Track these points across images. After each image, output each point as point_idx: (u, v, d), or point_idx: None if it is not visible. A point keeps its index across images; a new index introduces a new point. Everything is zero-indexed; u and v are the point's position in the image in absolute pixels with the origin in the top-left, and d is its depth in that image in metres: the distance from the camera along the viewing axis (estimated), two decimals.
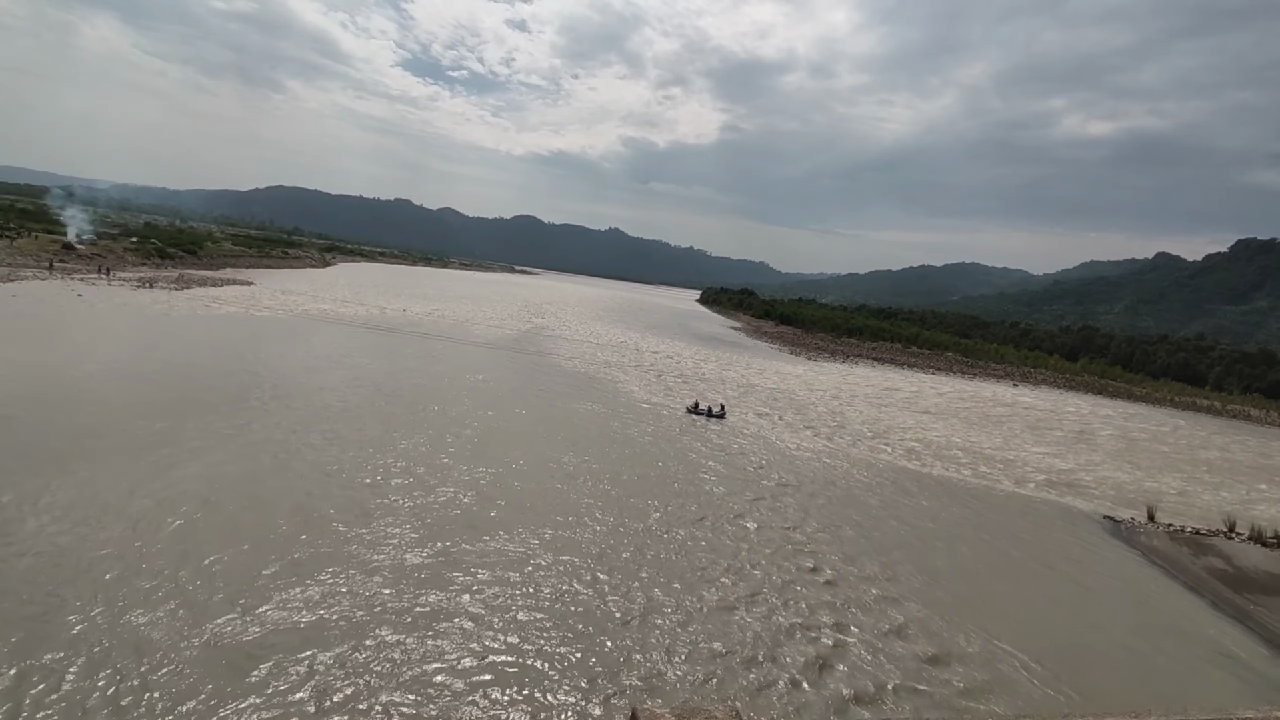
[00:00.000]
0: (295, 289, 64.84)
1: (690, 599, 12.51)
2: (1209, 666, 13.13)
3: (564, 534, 14.83)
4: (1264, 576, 17.77)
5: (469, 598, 11.44)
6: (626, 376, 38.24)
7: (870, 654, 11.52)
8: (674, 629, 11.39)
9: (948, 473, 25.76)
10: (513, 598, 11.68)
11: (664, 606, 12.09)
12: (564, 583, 12.55)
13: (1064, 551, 18.53)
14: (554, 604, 11.67)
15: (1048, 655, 12.51)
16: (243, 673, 8.79)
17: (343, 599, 10.90)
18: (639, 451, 22.60)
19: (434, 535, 13.77)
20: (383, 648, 9.77)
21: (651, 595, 12.45)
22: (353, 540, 12.96)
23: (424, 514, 14.70)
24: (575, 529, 15.17)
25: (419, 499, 15.50)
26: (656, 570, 13.57)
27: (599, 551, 14.09)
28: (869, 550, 16.39)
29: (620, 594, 12.36)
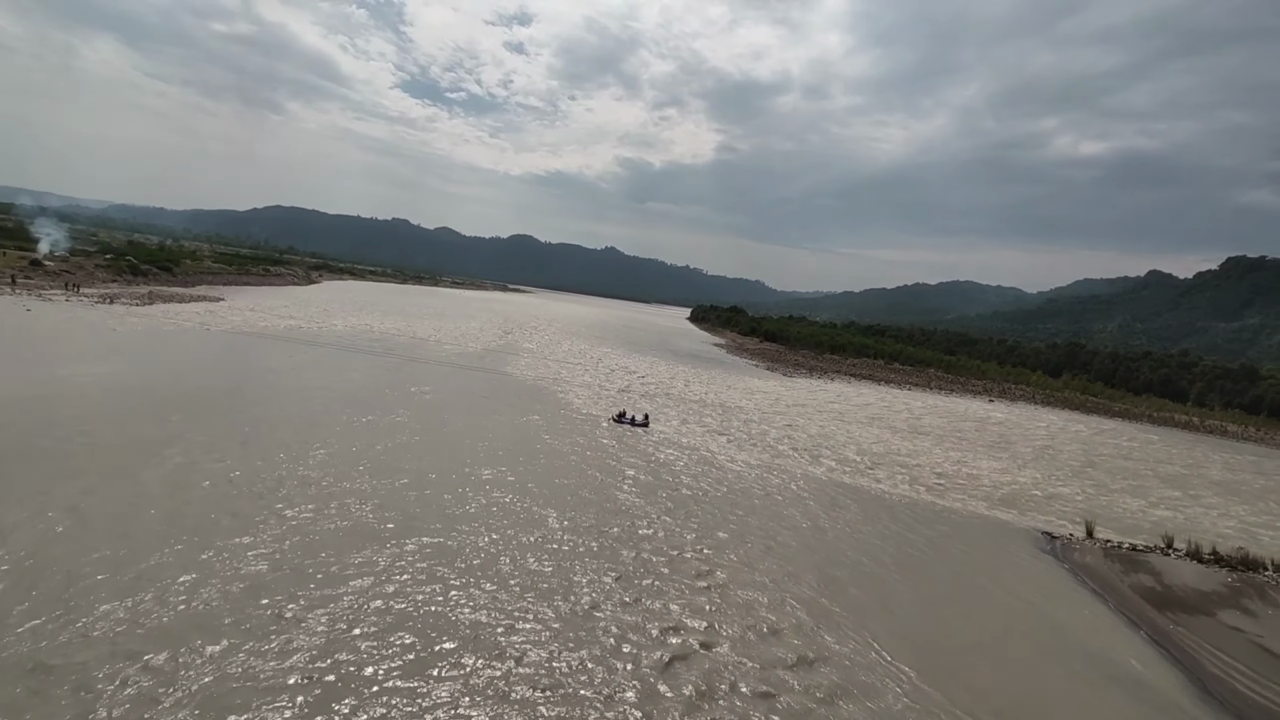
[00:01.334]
0: (265, 306, 64.31)
1: (543, 607, 11.80)
2: (1110, 690, 12.40)
3: (445, 542, 14.24)
4: (1191, 595, 17.07)
5: (301, 606, 10.72)
6: (575, 391, 37.60)
7: (733, 660, 10.80)
8: (522, 643, 10.69)
9: (889, 487, 25.06)
10: (351, 612, 10.97)
11: (520, 616, 11.38)
12: (418, 591, 11.86)
13: (988, 566, 17.83)
14: (399, 613, 10.98)
15: (935, 668, 11.83)
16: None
17: (178, 606, 10.37)
18: (558, 462, 21.94)
19: (305, 547, 13.12)
20: (207, 658, 9.16)
21: (511, 605, 11.74)
22: (214, 550, 12.27)
23: (301, 527, 14.02)
24: (459, 538, 14.52)
25: (301, 512, 14.81)
26: (528, 578, 12.88)
27: (477, 563, 13.40)
28: (767, 558, 15.67)
29: (483, 604, 11.65)
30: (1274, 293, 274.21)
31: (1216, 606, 16.36)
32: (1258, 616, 15.87)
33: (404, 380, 33.34)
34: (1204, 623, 15.45)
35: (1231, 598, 16.96)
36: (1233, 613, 16.00)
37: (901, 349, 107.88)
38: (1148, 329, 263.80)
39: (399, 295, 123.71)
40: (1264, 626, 15.30)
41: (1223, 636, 14.78)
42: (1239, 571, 18.79)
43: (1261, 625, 15.37)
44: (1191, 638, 14.71)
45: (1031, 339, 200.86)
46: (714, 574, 14.81)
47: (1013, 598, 16.08)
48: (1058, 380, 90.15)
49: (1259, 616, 15.87)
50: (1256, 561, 19.32)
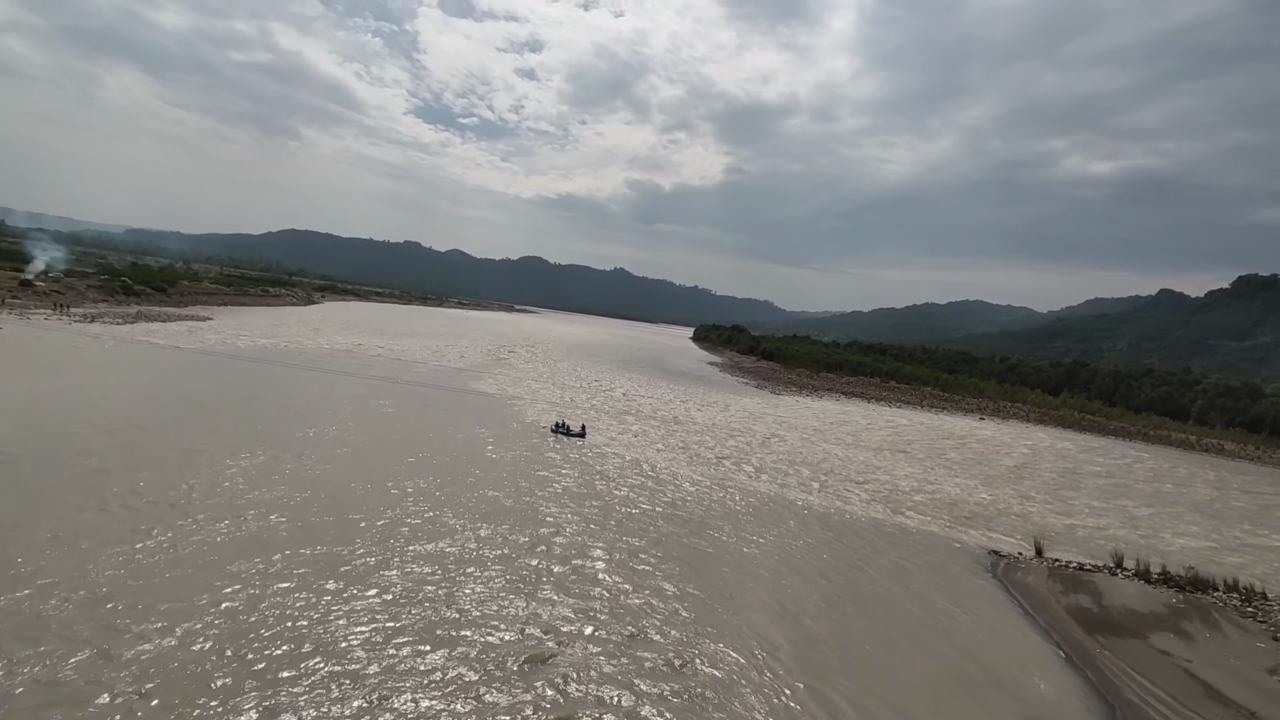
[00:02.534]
0: (253, 325, 64.60)
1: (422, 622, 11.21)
2: (1007, 717, 11.65)
3: (338, 550, 13.82)
4: (1128, 616, 16.23)
5: (160, 612, 10.24)
6: (537, 406, 37.12)
7: (592, 659, 10.16)
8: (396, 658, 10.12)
9: (840, 504, 24.32)
10: (212, 620, 10.46)
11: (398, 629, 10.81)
12: (289, 600, 11.36)
13: (918, 583, 17.05)
14: (260, 620, 10.49)
15: (824, 681, 11.17)
16: None
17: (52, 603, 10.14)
18: (489, 473, 21.42)
19: (198, 554, 12.91)
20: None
21: (386, 612, 11.16)
22: (104, 550, 11.85)
23: (203, 536, 13.63)
24: (353, 546, 14.07)
25: (192, 521, 14.39)
26: (412, 585, 12.30)
27: (364, 570, 12.88)
28: (675, 567, 14.97)
29: (356, 612, 11.09)
30: None
31: (1151, 629, 15.52)
32: (1193, 640, 15.02)
33: (362, 395, 33.04)
34: (1133, 646, 14.63)
35: (1170, 620, 16.11)
36: (1167, 636, 15.16)
37: (898, 367, 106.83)
38: (1158, 348, 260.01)
39: (398, 316, 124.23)
40: (1196, 651, 14.46)
41: (1149, 661, 13.96)
42: (1187, 592, 17.91)
43: (1193, 649, 14.52)
44: (1116, 662, 13.91)
45: (1040, 358, 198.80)
46: (609, 582, 14.18)
47: (934, 616, 15.32)
48: (1056, 398, 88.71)
49: (1194, 640, 15.02)
50: (1207, 582, 18.42)
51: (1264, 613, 16.71)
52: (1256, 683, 13.17)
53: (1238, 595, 17.76)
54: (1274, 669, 13.74)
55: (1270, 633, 15.49)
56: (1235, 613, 16.66)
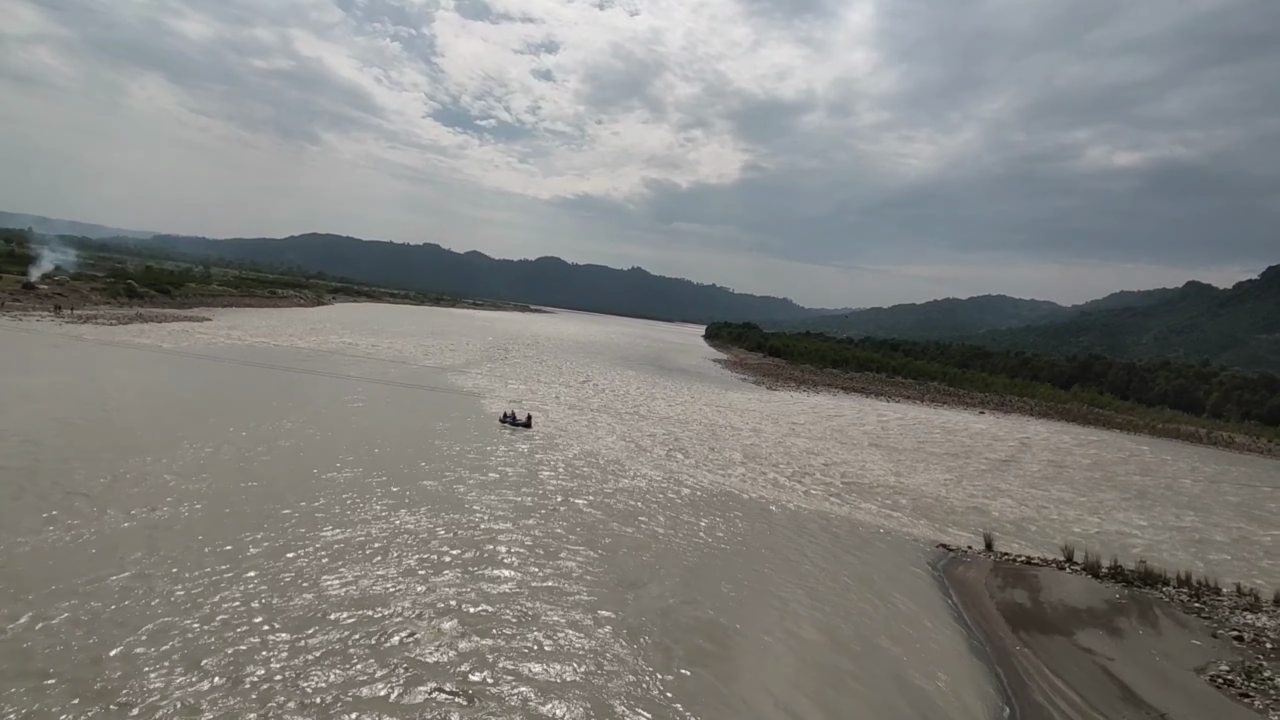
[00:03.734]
0: (250, 325, 65.19)
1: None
2: (896, 716, 10.98)
3: (243, 536, 13.60)
4: (1060, 612, 15.41)
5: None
6: (504, 403, 36.81)
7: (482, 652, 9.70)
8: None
9: (796, 498, 23.61)
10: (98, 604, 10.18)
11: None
12: (178, 584, 11.07)
13: (847, 579, 16.34)
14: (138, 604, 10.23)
15: (717, 672, 10.59)
16: None
17: None
18: (431, 464, 20.99)
19: (93, 542, 12.86)
20: None
21: (277, 597, 10.81)
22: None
23: (101, 525, 13.43)
24: (267, 534, 13.82)
25: (120, 510, 14.22)
26: (306, 571, 11.92)
27: (267, 555, 12.53)
28: (588, 560, 14.43)
29: (236, 596, 10.77)
30: None
31: (1082, 625, 14.69)
32: (1123, 637, 14.18)
33: (331, 392, 32.95)
34: (1056, 643, 13.84)
35: (1106, 616, 15.25)
36: (1096, 632, 14.33)
37: (906, 363, 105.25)
38: (1185, 341, 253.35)
39: (405, 316, 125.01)
40: (1122, 648, 13.63)
41: (1068, 659, 13.17)
42: (1135, 587, 17.00)
43: (1120, 647, 13.70)
44: (1032, 660, 13.14)
45: (1064, 353, 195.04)
46: (512, 565, 13.70)
47: (852, 609, 14.64)
48: (1067, 392, 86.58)
49: (1124, 637, 14.18)
50: (1158, 577, 17.49)
51: (1210, 609, 15.78)
52: (1179, 682, 12.34)
53: (1188, 590, 16.82)
54: (1202, 668, 12.88)
55: (1210, 630, 14.59)
56: (1180, 609, 15.75)
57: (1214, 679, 12.50)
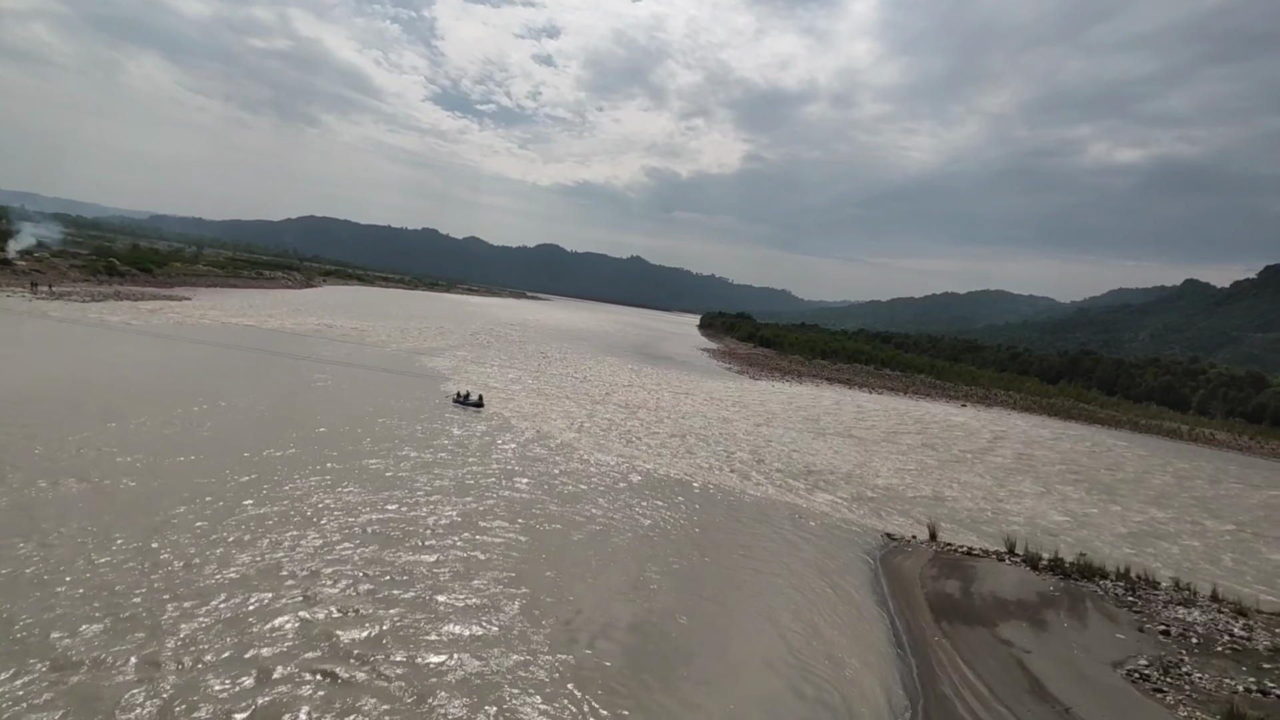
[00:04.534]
0: (230, 305, 64.69)
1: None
2: (790, 707, 10.64)
3: (171, 510, 13.18)
4: (989, 603, 15.10)
5: None
6: (468, 384, 36.41)
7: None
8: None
9: (745, 484, 23.27)
10: None
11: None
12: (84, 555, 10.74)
13: (778, 567, 16.02)
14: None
15: (607, 660, 10.25)
16: None
17: None
18: (377, 444, 20.61)
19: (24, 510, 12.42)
20: None
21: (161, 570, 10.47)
22: None
23: (28, 495, 13.09)
24: (190, 508, 13.45)
25: (50, 482, 13.88)
26: (221, 544, 11.57)
27: (185, 522, 12.17)
28: (515, 541, 14.09)
29: (111, 572, 10.43)
30: None
31: (1008, 617, 14.39)
32: (1046, 630, 13.88)
33: (293, 373, 32.53)
34: (977, 635, 13.54)
35: (1035, 608, 14.95)
36: (1019, 625, 14.03)
37: (895, 355, 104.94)
38: (1181, 339, 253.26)
39: (395, 300, 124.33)
40: (1043, 641, 13.34)
41: (986, 651, 12.88)
42: (1071, 580, 16.70)
43: (1041, 639, 13.40)
44: (949, 651, 12.84)
45: (1059, 348, 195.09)
46: (430, 541, 13.35)
47: (781, 594, 14.32)
48: (1054, 387, 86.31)
49: (1048, 629, 13.88)
50: (1096, 570, 17.19)
51: (1144, 603, 15.49)
52: (1093, 676, 12.05)
53: (1124, 584, 16.52)
54: (1120, 662, 12.59)
55: (1138, 624, 14.29)
56: (1113, 602, 15.45)
57: (1130, 674, 12.20)
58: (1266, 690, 11.91)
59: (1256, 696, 11.71)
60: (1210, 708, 11.15)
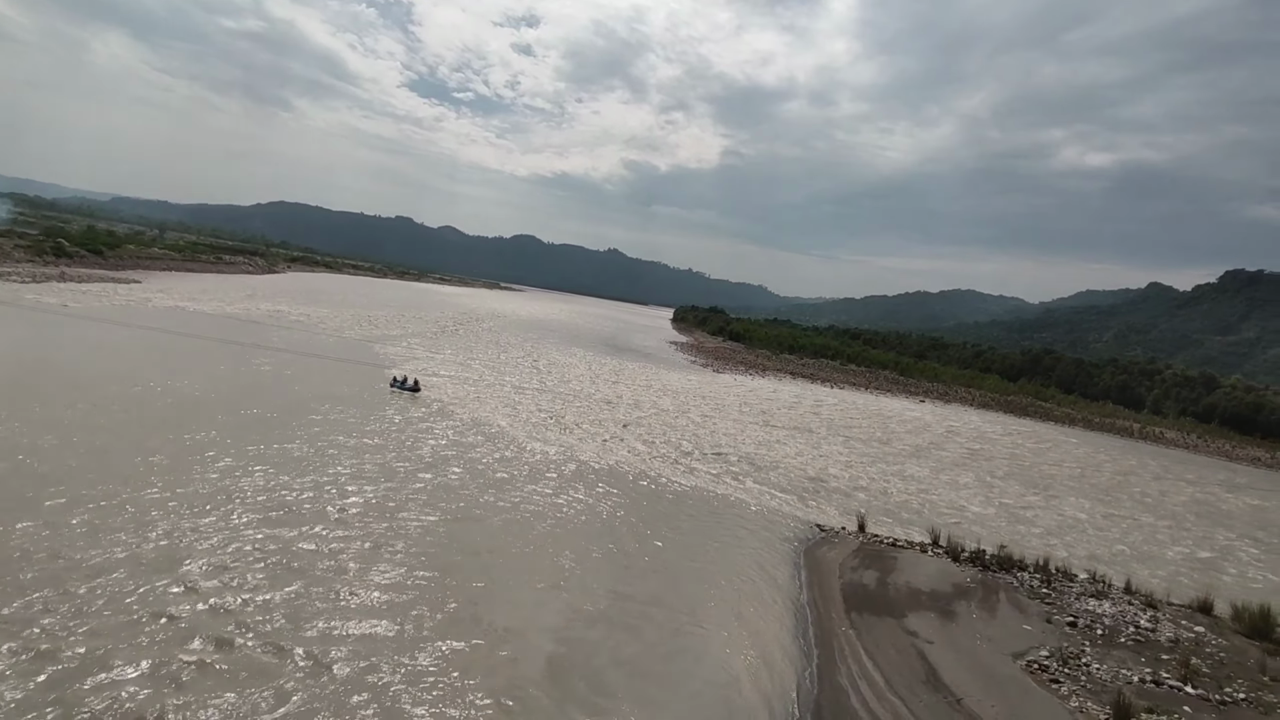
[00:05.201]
0: (180, 290, 62.90)
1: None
2: (679, 698, 10.39)
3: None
4: (904, 594, 15.03)
5: None
6: (408, 369, 35.75)
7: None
8: None
9: (688, 477, 23.04)
10: None
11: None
12: None
13: (699, 558, 15.81)
14: None
15: (498, 650, 9.87)
16: None
17: None
18: (302, 426, 19.96)
19: None
20: None
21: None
22: None
23: None
24: (83, 495, 12.74)
25: None
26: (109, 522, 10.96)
27: (75, 499, 11.55)
28: (428, 525, 13.65)
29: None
30: (1271, 305, 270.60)
31: (920, 608, 14.31)
32: (954, 620, 13.83)
33: (229, 358, 31.58)
34: (885, 625, 13.43)
35: (948, 599, 14.91)
36: (929, 615, 13.96)
37: (862, 350, 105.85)
38: (1143, 340, 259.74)
39: (361, 287, 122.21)
40: (947, 632, 13.27)
41: (890, 641, 12.77)
42: (990, 571, 16.73)
43: (946, 630, 13.34)
44: (853, 643, 12.71)
45: (1026, 347, 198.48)
46: (337, 524, 12.86)
47: (694, 584, 14.09)
48: (1014, 384, 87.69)
49: (956, 620, 13.83)
50: (1016, 562, 17.25)
51: (1057, 595, 15.55)
52: (991, 666, 11.99)
53: (1041, 576, 16.58)
54: (1022, 653, 12.56)
55: (1047, 615, 14.32)
56: (1027, 594, 15.49)
57: (1030, 664, 12.18)
58: (1160, 681, 11.96)
59: (1149, 687, 11.75)
60: (1102, 698, 11.15)
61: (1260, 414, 72.82)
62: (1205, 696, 11.59)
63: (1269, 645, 14.04)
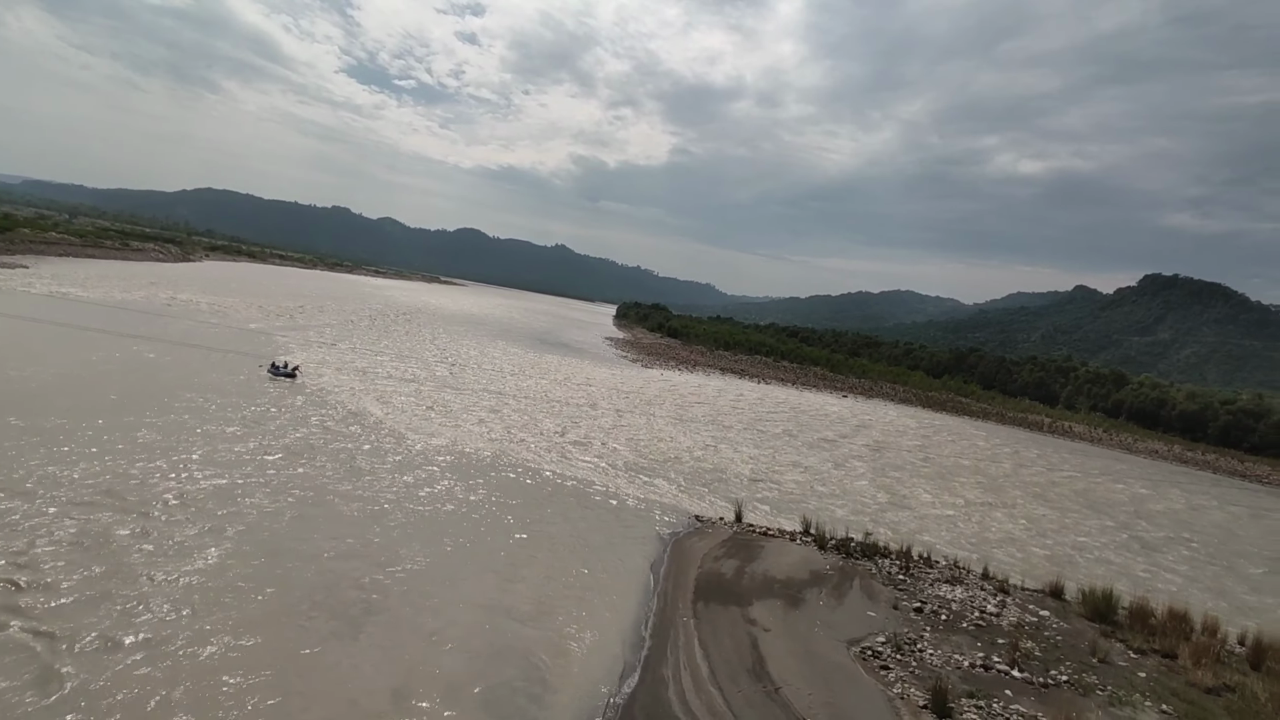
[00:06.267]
0: (73, 276, 58.77)
1: None
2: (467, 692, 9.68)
3: None
4: (758, 582, 14.68)
5: None
6: (296, 356, 34.10)
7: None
8: None
9: (575, 469, 22.34)
10: None
11: None
12: None
13: (559, 550, 15.12)
14: None
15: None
16: None
17: None
18: (161, 413, 18.42)
19: None
20: None
21: None
22: None
23: None
24: None
25: None
26: None
27: None
28: (267, 512, 12.57)
29: None
30: (1184, 309, 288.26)
31: (769, 595, 13.96)
32: (800, 607, 13.53)
33: (98, 347, 29.32)
34: (729, 614, 13.01)
35: (801, 586, 14.62)
36: (775, 603, 13.62)
37: (796, 348, 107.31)
38: (1069, 340, 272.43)
39: (285, 278, 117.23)
40: (788, 619, 12.95)
41: (727, 630, 12.34)
42: (853, 559, 16.59)
43: (789, 618, 13.01)
44: (691, 633, 12.22)
45: (959, 346, 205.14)
46: (174, 512, 11.67)
47: (547, 578, 13.39)
48: (938, 381, 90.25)
49: (802, 607, 13.54)
50: (879, 549, 17.19)
51: (913, 581, 15.49)
52: (821, 653, 11.68)
53: (900, 563, 16.53)
54: (858, 639, 12.31)
55: (895, 601, 14.18)
56: (882, 580, 15.36)
57: (864, 650, 11.93)
58: (990, 665, 11.87)
59: (978, 671, 11.64)
60: (927, 683, 10.95)
61: (1163, 409, 76.82)
62: (1030, 680, 11.55)
63: (1105, 627, 14.24)
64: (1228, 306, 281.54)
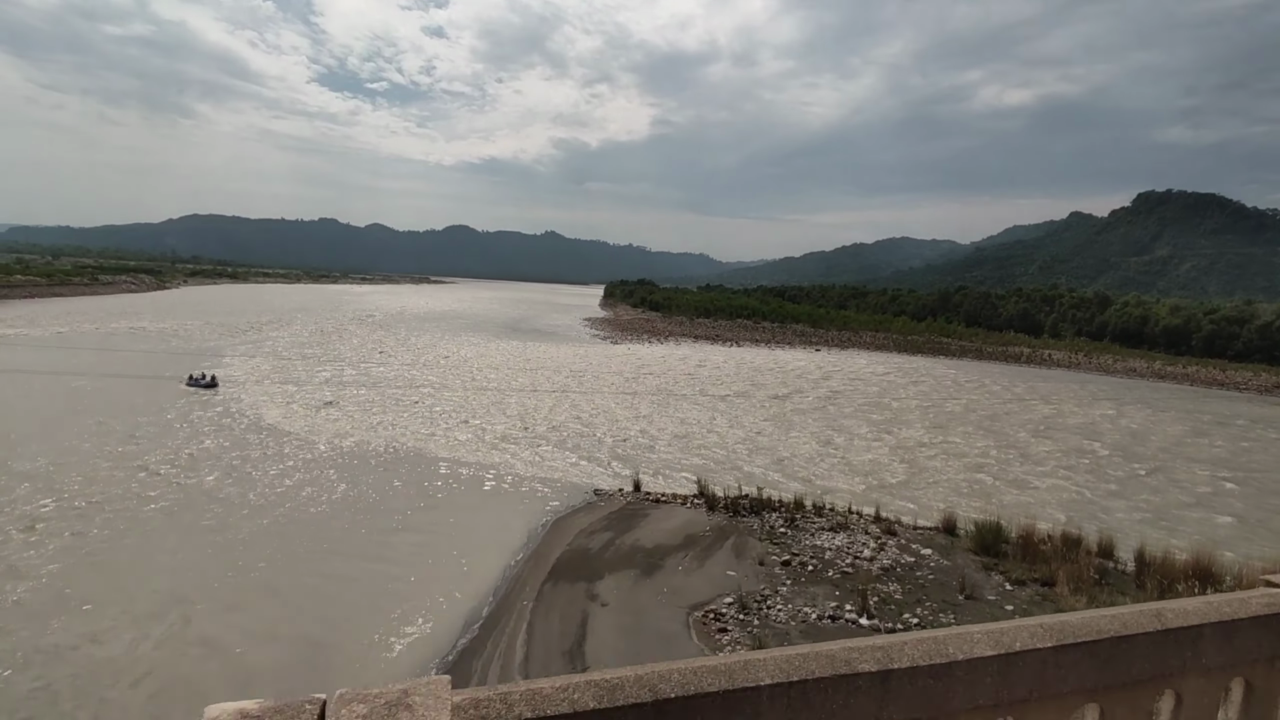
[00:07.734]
0: (23, 316, 58.41)
1: None
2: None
3: None
4: (624, 552, 13.97)
5: None
6: (228, 368, 33.49)
7: None
8: None
9: (489, 453, 21.69)
10: None
11: None
12: None
13: (436, 536, 14.50)
14: None
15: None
16: None
17: None
18: (68, 427, 17.93)
19: None
20: None
21: None
22: None
23: None
24: None
25: None
26: None
27: None
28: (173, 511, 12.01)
29: None
30: (1180, 224, 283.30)
31: (629, 566, 13.26)
32: (655, 574, 12.80)
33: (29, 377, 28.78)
34: (574, 591, 12.31)
35: (668, 551, 13.90)
36: (630, 574, 12.89)
37: (779, 307, 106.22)
38: (1067, 269, 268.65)
39: (262, 297, 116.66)
40: (636, 591, 12.22)
41: (563, 610, 11.63)
42: (740, 517, 15.87)
43: (636, 589, 12.28)
44: (525, 616, 11.52)
45: (957, 286, 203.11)
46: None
47: (409, 564, 12.79)
48: (921, 324, 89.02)
49: (657, 574, 12.81)
50: (767, 504, 16.47)
51: (794, 533, 14.78)
52: (656, 624, 11.01)
53: (785, 516, 15.79)
54: (703, 603, 11.63)
55: (762, 557, 13.47)
56: (758, 536, 14.64)
57: (705, 614, 11.27)
58: (839, 616, 11.18)
59: (824, 623, 10.95)
60: (752, 642, 10.30)
61: (1146, 326, 75.47)
62: (877, 626, 10.84)
63: (989, 560, 13.50)
64: (1225, 216, 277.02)
